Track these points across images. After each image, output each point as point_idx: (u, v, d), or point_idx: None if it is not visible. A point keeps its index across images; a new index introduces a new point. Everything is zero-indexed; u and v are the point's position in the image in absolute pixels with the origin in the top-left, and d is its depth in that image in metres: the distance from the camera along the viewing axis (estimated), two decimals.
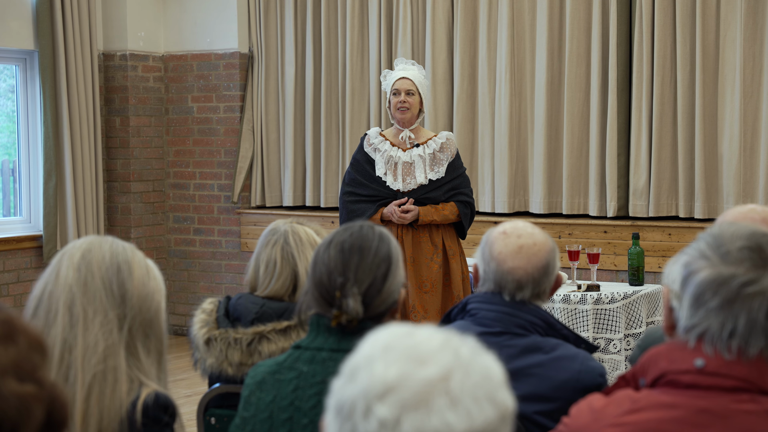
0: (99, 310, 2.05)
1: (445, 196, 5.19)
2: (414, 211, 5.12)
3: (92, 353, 2.02)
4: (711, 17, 6.43)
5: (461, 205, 5.18)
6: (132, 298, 2.08)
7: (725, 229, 1.81)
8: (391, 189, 5.18)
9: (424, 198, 5.16)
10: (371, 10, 7.43)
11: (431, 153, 5.20)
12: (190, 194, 8.09)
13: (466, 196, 5.21)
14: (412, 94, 5.15)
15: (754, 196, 6.31)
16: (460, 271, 5.18)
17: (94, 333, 2.03)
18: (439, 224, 5.16)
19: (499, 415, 1.22)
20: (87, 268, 2.07)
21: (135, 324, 2.07)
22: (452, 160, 5.22)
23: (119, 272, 2.08)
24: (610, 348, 5.41)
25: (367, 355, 1.25)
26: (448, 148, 5.22)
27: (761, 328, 1.74)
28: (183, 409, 2.25)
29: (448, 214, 5.15)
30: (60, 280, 2.07)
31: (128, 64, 7.80)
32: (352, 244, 2.31)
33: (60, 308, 2.05)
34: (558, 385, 2.49)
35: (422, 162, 5.18)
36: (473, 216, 5.26)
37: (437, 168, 5.19)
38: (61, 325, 2.04)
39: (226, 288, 7.97)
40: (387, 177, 5.21)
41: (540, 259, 2.54)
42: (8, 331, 1.39)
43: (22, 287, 7.18)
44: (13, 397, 1.33)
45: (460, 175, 5.24)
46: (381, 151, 5.23)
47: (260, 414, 2.33)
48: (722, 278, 1.75)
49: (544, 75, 6.85)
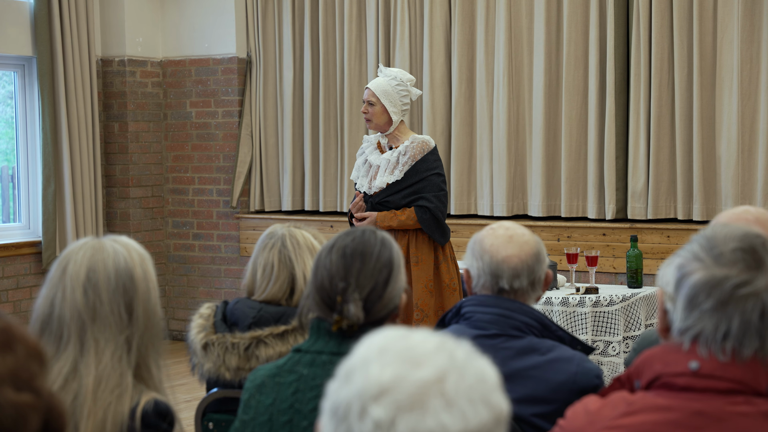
0: (110, 339, 2.05)
1: (405, 200, 5.04)
2: (371, 218, 5.03)
3: (105, 386, 2.03)
4: (708, 19, 6.43)
5: (419, 210, 5.00)
6: (139, 317, 2.08)
7: (718, 231, 1.81)
8: (361, 192, 5.16)
9: (385, 201, 5.07)
10: (369, 15, 7.44)
11: (396, 156, 5.09)
12: (189, 199, 8.10)
13: (427, 200, 5.01)
14: (372, 104, 5.10)
15: (752, 198, 6.32)
16: (426, 279, 5.03)
17: (105, 363, 2.04)
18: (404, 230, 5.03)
19: (494, 417, 1.23)
20: (94, 292, 2.06)
21: (143, 342, 2.08)
22: (414, 164, 5.04)
23: (125, 293, 2.08)
24: (609, 350, 5.41)
25: (362, 357, 1.26)
26: (409, 151, 5.06)
27: (755, 329, 1.74)
28: (182, 414, 2.25)
29: (405, 220, 5.01)
30: (67, 302, 2.06)
31: (126, 70, 7.81)
32: (354, 249, 2.32)
33: (71, 336, 2.05)
34: (555, 387, 2.49)
35: (387, 165, 5.11)
36: (437, 222, 5.03)
37: (396, 171, 5.06)
38: (72, 354, 2.04)
39: (225, 293, 7.97)
40: (359, 180, 5.21)
41: (531, 246, 2.61)
42: (6, 339, 1.39)
43: (22, 293, 7.17)
44: (10, 406, 1.33)
45: (425, 179, 5.04)
46: (364, 155, 5.25)
47: (260, 417, 2.33)
48: (716, 280, 1.75)
49: (542, 78, 6.86)
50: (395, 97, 5.11)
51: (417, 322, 5.00)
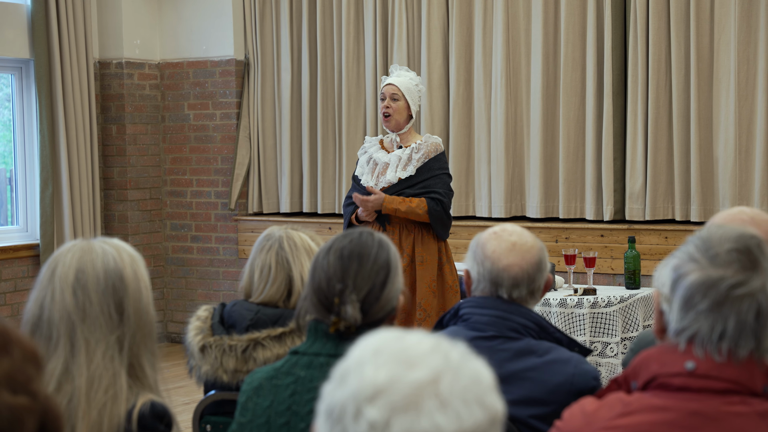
0: (101, 339, 2.05)
1: (415, 194, 5.09)
2: (378, 196, 5.04)
3: (97, 386, 2.02)
4: (705, 21, 6.44)
5: (431, 201, 5.05)
6: (130, 317, 2.08)
7: (713, 232, 1.81)
8: (364, 187, 5.16)
9: (395, 195, 5.09)
10: (367, 16, 7.44)
11: (408, 153, 5.15)
12: (187, 202, 8.09)
13: (439, 194, 5.07)
14: (396, 99, 5.13)
15: (749, 199, 6.32)
16: (430, 279, 5.05)
17: (96, 363, 2.03)
18: (411, 228, 5.06)
19: (489, 418, 1.23)
20: (84, 293, 2.06)
21: (135, 341, 2.08)
22: (427, 161, 5.12)
23: (115, 293, 2.07)
24: (607, 352, 5.42)
25: (357, 359, 1.26)
26: (423, 149, 5.14)
27: (750, 330, 1.75)
28: (181, 416, 2.25)
29: (414, 207, 5.03)
30: (56, 304, 2.06)
31: (124, 72, 7.81)
32: (352, 251, 2.32)
33: (61, 337, 2.05)
34: (552, 389, 2.49)
35: (398, 162, 5.15)
36: (446, 217, 5.10)
37: (409, 167, 5.12)
38: (63, 355, 2.04)
39: (223, 295, 7.97)
40: (363, 177, 5.22)
41: (533, 255, 2.59)
42: (2, 342, 1.39)
43: (19, 296, 7.17)
44: (6, 409, 1.33)
45: (436, 176, 5.12)
46: (368, 154, 5.25)
47: (257, 419, 2.33)
48: (711, 281, 1.75)
49: (539, 79, 6.86)
50: (415, 95, 5.22)
51: (419, 321, 5.00)
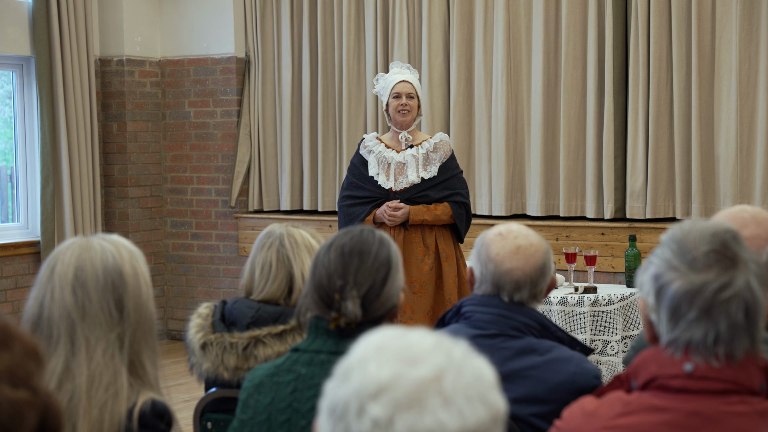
0: (101, 337, 2.04)
1: (439, 195, 5.19)
2: (404, 209, 5.13)
3: (98, 384, 2.02)
4: (707, 19, 6.44)
5: (455, 206, 5.18)
6: (130, 314, 2.07)
7: (687, 234, 1.78)
8: (384, 188, 5.20)
9: (418, 197, 5.18)
10: (367, 14, 7.44)
11: (424, 153, 5.24)
12: (188, 199, 8.09)
13: (462, 196, 5.21)
14: (412, 97, 5.24)
15: (750, 197, 6.32)
16: (455, 275, 5.16)
17: (97, 361, 2.03)
18: (432, 225, 5.17)
19: (491, 416, 1.23)
20: (83, 290, 2.05)
21: (135, 338, 2.07)
22: (446, 160, 5.24)
23: (114, 290, 2.07)
24: (608, 350, 5.41)
25: (360, 356, 1.26)
26: (441, 149, 5.26)
27: (743, 329, 1.73)
28: (181, 414, 2.25)
29: (440, 215, 5.15)
30: (56, 302, 2.05)
31: (125, 70, 7.80)
32: (353, 248, 2.33)
33: (62, 336, 2.04)
34: (553, 387, 2.49)
35: (415, 161, 5.23)
36: (469, 217, 5.24)
37: (430, 167, 5.22)
38: (64, 354, 2.04)
39: (224, 292, 7.97)
40: (380, 177, 5.25)
41: (537, 259, 2.57)
42: (3, 337, 1.39)
43: (20, 293, 7.17)
44: (7, 403, 1.33)
45: (455, 176, 5.25)
46: (375, 153, 5.28)
47: (258, 416, 2.33)
48: (695, 288, 1.73)
49: (540, 77, 6.86)
50: (421, 94, 5.36)
51: None
